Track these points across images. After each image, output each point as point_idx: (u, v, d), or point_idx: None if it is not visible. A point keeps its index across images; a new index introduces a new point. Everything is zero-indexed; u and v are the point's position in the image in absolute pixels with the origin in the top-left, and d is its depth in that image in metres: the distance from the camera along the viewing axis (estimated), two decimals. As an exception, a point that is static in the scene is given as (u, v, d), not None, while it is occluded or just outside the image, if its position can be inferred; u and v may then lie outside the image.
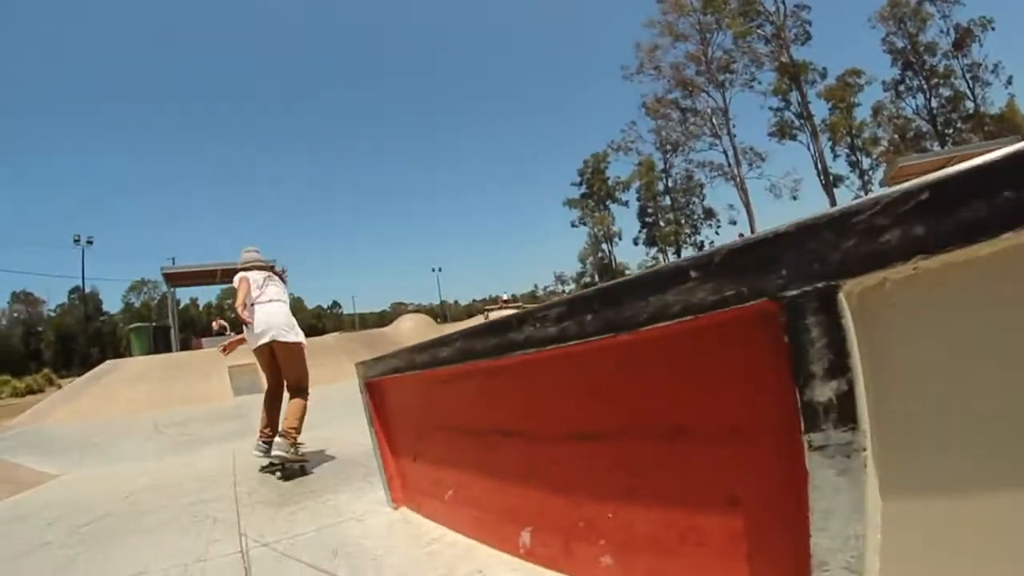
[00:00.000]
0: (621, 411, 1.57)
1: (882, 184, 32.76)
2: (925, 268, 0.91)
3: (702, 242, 49.58)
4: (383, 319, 59.66)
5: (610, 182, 54.85)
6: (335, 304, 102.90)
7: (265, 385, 4.58)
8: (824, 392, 1.02)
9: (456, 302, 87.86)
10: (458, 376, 2.29)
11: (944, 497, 0.95)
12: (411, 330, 20.76)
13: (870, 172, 43.25)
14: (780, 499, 1.15)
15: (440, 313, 62.20)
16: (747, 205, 42.69)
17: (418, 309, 57.52)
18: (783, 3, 41.20)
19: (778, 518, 1.17)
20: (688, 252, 49.72)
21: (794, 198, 42.55)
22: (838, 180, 43.09)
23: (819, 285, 1.01)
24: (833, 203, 34.55)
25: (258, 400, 4.73)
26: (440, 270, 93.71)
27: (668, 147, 49.19)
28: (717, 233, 49.07)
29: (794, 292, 1.04)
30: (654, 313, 1.29)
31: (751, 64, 42.49)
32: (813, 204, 42.90)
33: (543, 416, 1.89)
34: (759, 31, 41.94)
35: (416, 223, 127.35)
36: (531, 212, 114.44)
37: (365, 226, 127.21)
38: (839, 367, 1.00)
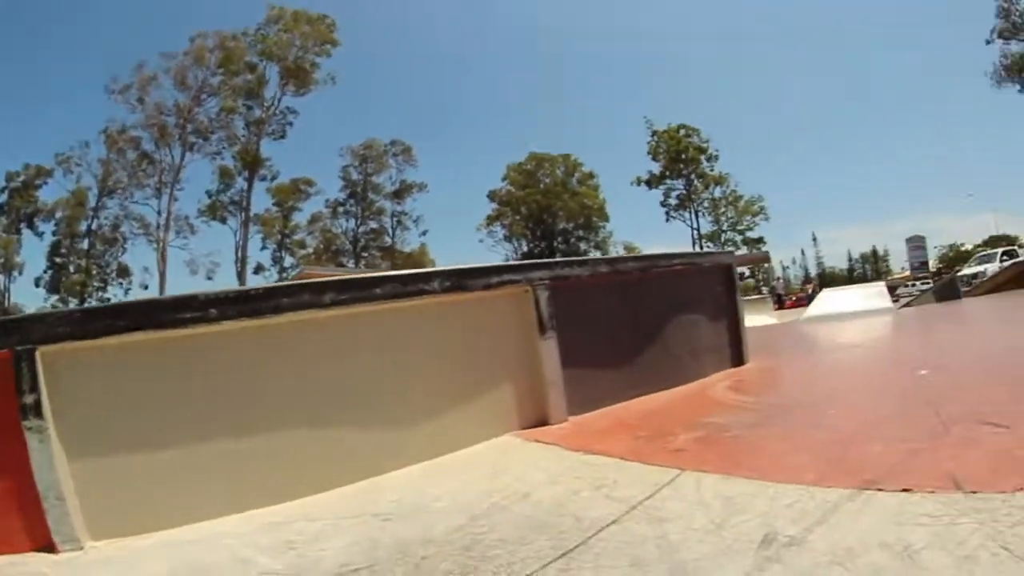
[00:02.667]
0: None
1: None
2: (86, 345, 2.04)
3: (108, 299, 45.40)
4: None
5: (40, 203, 45.93)
6: None
7: None
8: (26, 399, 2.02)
9: None
10: None
11: (94, 456, 2.04)
12: None
13: (290, 269, 47.75)
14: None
15: None
16: (163, 273, 41.95)
17: None
18: (279, 100, 44.36)
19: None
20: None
21: (209, 278, 43.68)
22: (260, 269, 47.01)
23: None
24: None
25: None
26: None
27: (109, 185, 44.85)
28: (127, 293, 45.46)
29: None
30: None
31: (225, 140, 43.66)
32: (225, 284, 44.06)
33: None
34: (247, 113, 43.87)
35: None
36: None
37: None
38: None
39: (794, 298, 31.31)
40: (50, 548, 1.93)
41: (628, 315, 3.32)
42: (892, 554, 1.18)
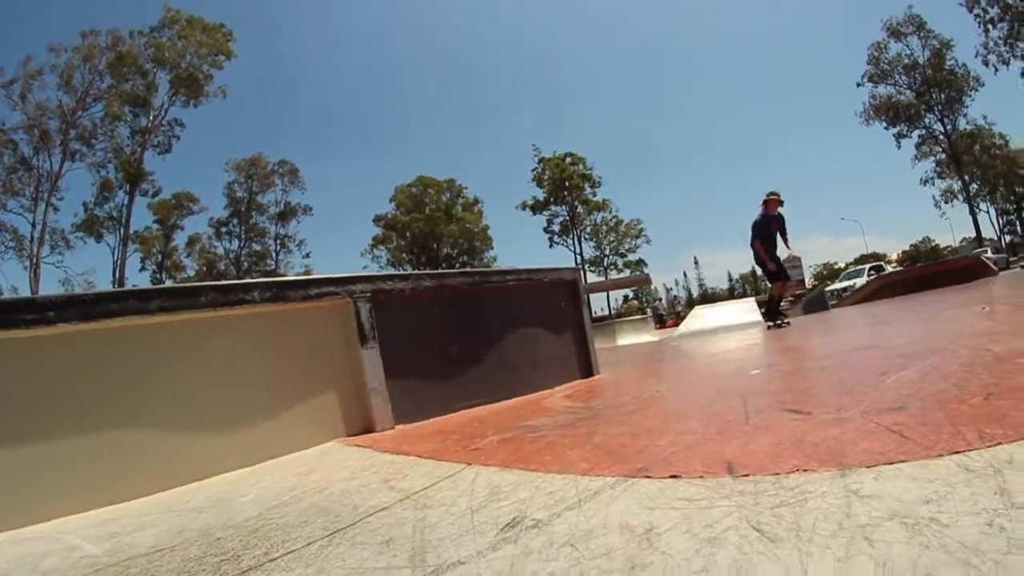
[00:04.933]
0: None
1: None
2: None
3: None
4: None
5: None
6: None
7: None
8: None
9: None
10: None
11: None
12: None
13: None
14: None
15: None
16: (35, 292, 38.03)
17: None
18: (166, 110, 41.82)
19: None
20: None
21: None
22: (133, 291, 43.77)
23: None
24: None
25: None
26: None
27: (-22, 191, 40.45)
28: (-7, 310, 41.39)
29: None
30: None
31: (110, 151, 40.64)
32: None
33: None
34: (133, 121, 40.97)
35: None
36: None
37: None
38: None
39: (675, 318, 32.83)
40: None
41: (460, 328, 3.35)
42: (630, 536, 1.17)
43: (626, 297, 45.85)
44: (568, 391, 3.53)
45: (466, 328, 3.39)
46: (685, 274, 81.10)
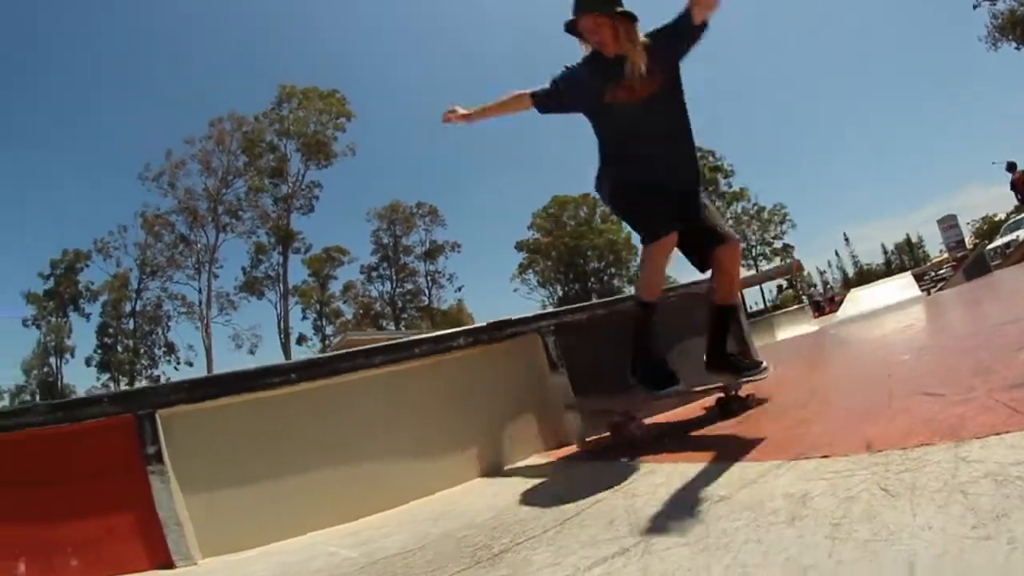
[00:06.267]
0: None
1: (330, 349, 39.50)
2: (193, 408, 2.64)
3: (158, 376, 47.72)
4: None
5: (80, 286, 48.70)
6: None
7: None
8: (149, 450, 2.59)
9: None
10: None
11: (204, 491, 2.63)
12: None
13: (332, 338, 49.14)
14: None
15: None
16: (208, 349, 43.95)
17: None
18: (303, 176, 46.42)
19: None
20: (142, 384, 46.46)
21: (251, 352, 45.71)
22: (303, 339, 48.56)
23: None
24: (288, 358, 38.31)
25: None
26: None
27: (149, 268, 47.26)
28: (176, 369, 47.91)
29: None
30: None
31: (257, 219, 45.71)
32: (269, 356, 46.41)
33: None
34: (274, 190, 45.98)
35: None
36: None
37: None
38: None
39: (832, 303, 30.84)
40: (168, 565, 2.48)
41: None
42: (791, 500, 1.60)
43: (780, 287, 43.56)
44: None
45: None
46: (837, 253, 74.10)
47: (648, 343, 2.93)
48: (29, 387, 49.98)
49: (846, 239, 74.28)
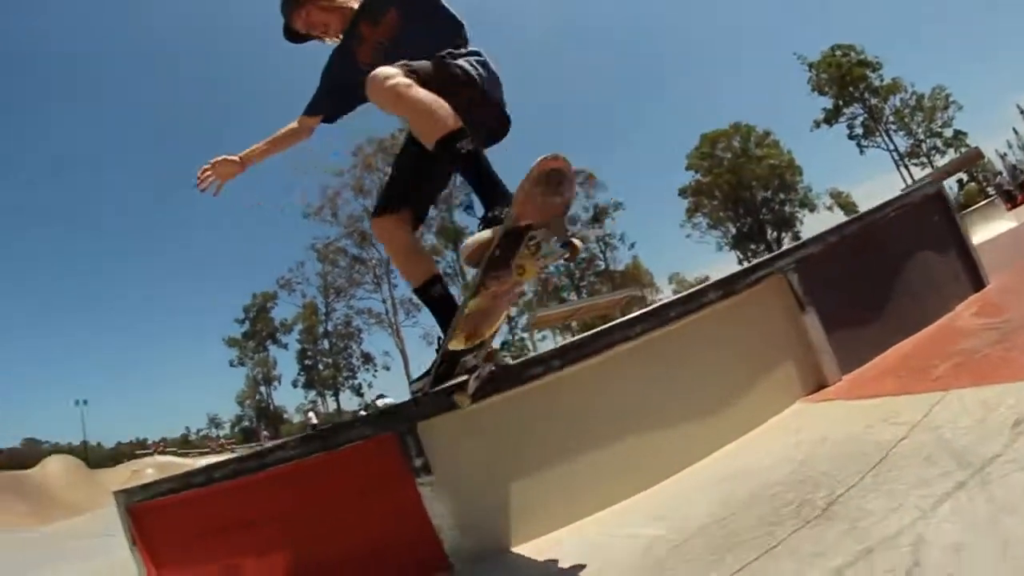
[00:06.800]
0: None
1: (525, 329, 42.76)
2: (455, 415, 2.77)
3: (359, 384, 52.94)
4: (14, 458, 48.06)
5: (276, 322, 55.30)
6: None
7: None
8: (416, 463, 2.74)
9: (99, 444, 71.02)
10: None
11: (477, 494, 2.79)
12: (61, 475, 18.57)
13: (515, 319, 51.73)
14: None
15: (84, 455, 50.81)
16: (403, 352, 47.57)
17: (56, 448, 50.00)
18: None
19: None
20: (346, 395, 52.90)
21: None
22: (496, 324, 50.52)
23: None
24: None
25: None
26: (86, 403, 70.07)
27: (332, 292, 52.11)
28: (375, 376, 52.90)
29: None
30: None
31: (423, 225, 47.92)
32: None
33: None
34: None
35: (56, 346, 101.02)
36: (191, 349, 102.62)
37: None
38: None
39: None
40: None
41: (866, 272, 3.58)
42: None
43: (960, 182, 38.21)
44: (972, 309, 3.58)
45: (871, 271, 3.61)
46: (1015, 130, 62.84)
47: None
48: (246, 415, 57.97)
49: (1021, 111, 61.84)
